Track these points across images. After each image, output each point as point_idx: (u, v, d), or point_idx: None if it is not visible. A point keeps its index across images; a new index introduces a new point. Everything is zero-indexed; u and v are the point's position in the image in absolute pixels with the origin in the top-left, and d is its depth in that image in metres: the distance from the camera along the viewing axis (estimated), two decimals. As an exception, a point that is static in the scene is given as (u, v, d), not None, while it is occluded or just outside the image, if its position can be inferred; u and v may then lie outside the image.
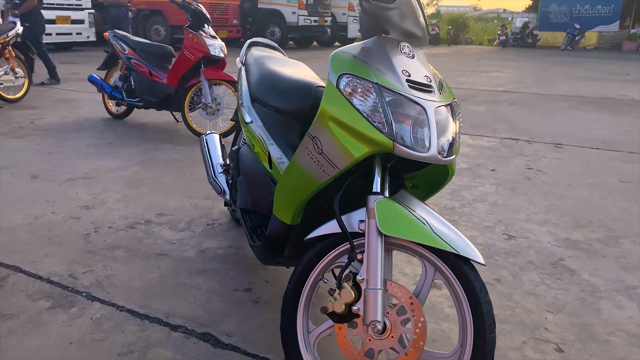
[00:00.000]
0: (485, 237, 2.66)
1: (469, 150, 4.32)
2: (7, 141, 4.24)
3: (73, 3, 11.50)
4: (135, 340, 1.77)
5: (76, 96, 6.35)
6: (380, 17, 1.44)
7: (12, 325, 1.83)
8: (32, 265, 2.25)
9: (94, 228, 2.64)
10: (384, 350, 1.38)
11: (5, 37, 5.42)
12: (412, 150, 1.33)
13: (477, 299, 1.34)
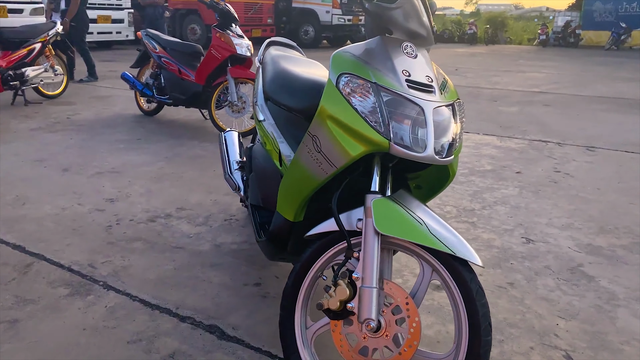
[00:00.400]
0: (502, 240, 2.60)
1: (495, 152, 4.23)
2: (43, 135, 4.44)
3: (114, 3, 11.87)
4: (145, 329, 1.83)
5: (111, 93, 6.57)
6: (382, 18, 1.44)
7: (31, 309, 1.93)
8: (55, 253, 2.36)
9: (116, 220, 2.74)
10: (378, 348, 1.38)
11: (45, 36, 5.66)
12: (408, 150, 1.33)
13: (473, 301, 1.33)
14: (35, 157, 3.79)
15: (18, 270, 2.21)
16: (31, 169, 3.53)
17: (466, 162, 3.93)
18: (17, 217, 2.74)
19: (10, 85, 5.36)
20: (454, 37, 22.31)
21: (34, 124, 4.82)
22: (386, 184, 1.52)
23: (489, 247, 2.52)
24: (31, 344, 1.73)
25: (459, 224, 2.78)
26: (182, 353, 1.70)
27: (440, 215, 2.74)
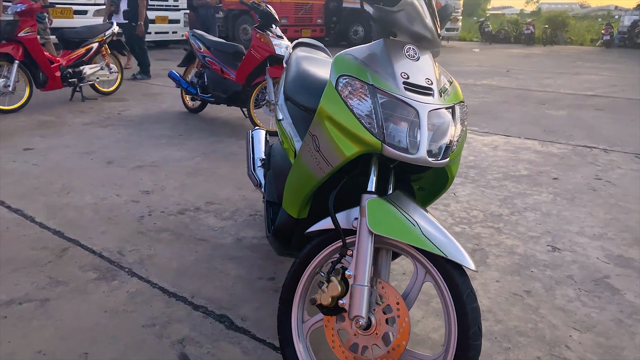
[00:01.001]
0: (526, 247, 2.54)
1: (534, 157, 4.10)
2: (94, 129, 4.71)
3: (171, 4, 12.36)
4: (160, 314, 1.93)
5: (162, 90, 6.87)
6: (385, 20, 1.46)
7: (61, 290, 2.08)
8: (89, 240, 2.52)
9: (148, 212, 2.88)
10: (368, 346, 1.40)
11: (102, 36, 6.00)
12: (400, 152, 1.34)
13: (463, 304, 1.32)
14: (85, 150, 4.04)
15: (55, 254, 2.38)
16: (79, 161, 3.77)
17: (501, 166, 3.83)
18: (61, 205, 2.95)
19: (69, 82, 5.72)
20: (510, 38, 21.57)
21: (88, 119, 5.13)
22: (388, 185, 1.55)
23: (511, 253, 2.47)
24: (57, 322, 1.88)
25: (483, 229, 2.73)
26: (191, 339, 1.79)
27: (465, 220, 2.74)
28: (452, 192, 3.26)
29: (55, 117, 5.18)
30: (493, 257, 2.43)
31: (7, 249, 2.41)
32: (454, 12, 16.78)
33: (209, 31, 9.18)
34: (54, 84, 5.58)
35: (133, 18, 7.44)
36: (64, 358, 1.69)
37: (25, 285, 2.11)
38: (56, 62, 5.58)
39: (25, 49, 5.23)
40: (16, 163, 3.68)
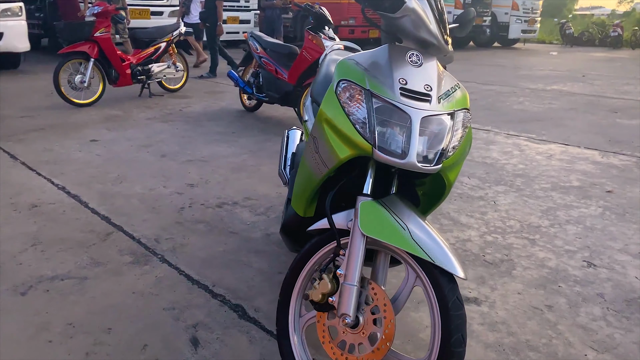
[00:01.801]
0: (559, 261, 2.43)
1: (590, 168, 3.87)
2: (156, 124, 5.03)
3: (242, 5, 12.82)
4: (180, 299, 2.06)
5: (224, 89, 7.16)
6: (389, 26, 1.48)
7: (99, 271, 2.27)
8: (131, 227, 2.72)
9: (189, 203, 3.06)
10: (354, 344, 1.43)
11: (170, 36, 6.37)
12: (389, 156, 1.36)
13: (448, 311, 1.32)
14: (143, 143, 4.33)
15: (100, 237, 2.60)
16: (136, 153, 4.05)
17: (552, 176, 3.66)
18: (113, 193, 3.20)
19: (138, 79, 6.13)
20: (594, 40, 20.25)
21: (151, 114, 5.47)
22: (391, 188, 1.56)
23: (541, 266, 2.37)
24: (90, 298, 2.06)
25: (517, 239, 2.64)
26: (204, 325, 1.90)
27: (500, 229, 2.67)
28: (492, 200, 3.17)
29: (123, 111, 5.57)
30: (520, 268, 2.35)
31: (61, 230, 2.66)
32: (532, 13, 16.03)
33: (274, 32, 9.46)
34: (124, 80, 6.00)
35: (208, 19, 7.87)
36: (90, 331, 1.85)
37: (69, 264, 2.32)
38: (127, 60, 6.00)
39: (100, 48, 5.67)
40: (81, 153, 4.01)
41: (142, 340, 1.80)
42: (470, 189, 3.35)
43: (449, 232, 2.71)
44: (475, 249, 2.53)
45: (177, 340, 1.81)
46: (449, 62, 1.76)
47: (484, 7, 14.40)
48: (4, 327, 1.87)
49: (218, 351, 1.76)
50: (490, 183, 3.48)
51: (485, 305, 2.05)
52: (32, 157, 3.85)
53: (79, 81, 5.61)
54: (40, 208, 2.93)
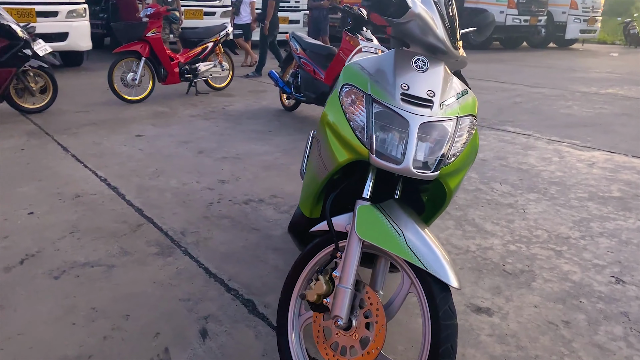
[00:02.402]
0: (584, 275, 2.34)
1: (635, 178, 3.67)
2: (198, 122, 5.21)
3: (292, 5, 12.97)
4: (196, 291, 2.15)
5: (267, 88, 7.30)
6: (397, 31, 1.49)
7: (126, 260, 2.40)
8: (161, 219, 2.85)
9: (218, 199, 3.16)
10: (346, 346, 1.46)
11: (217, 36, 6.56)
12: (385, 161, 1.37)
13: (438, 320, 1.32)
14: (184, 139, 4.51)
15: (131, 228, 2.74)
16: (176, 149, 4.22)
17: (591, 185, 3.50)
18: (149, 186, 3.35)
19: (185, 78, 6.36)
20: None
21: (195, 112, 5.67)
22: (395, 193, 1.57)
23: (563, 279, 2.29)
24: (114, 285, 2.19)
25: (542, 250, 2.56)
26: (214, 317, 1.98)
27: (525, 239, 2.60)
28: (521, 208, 3.09)
29: (169, 108, 5.81)
30: (541, 280, 2.28)
31: (97, 219, 2.83)
32: (592, 12, 15.25)
33: (320, 32, 9.55)
34: (173, 79, 6.25)
35: (263, 19, 8.15)
36: (110, 316, 1.97)
37: (101, 252, 2.47)
38: (176, 59, 6.24)
39: (151, 47, 5.92)
40: (126, 147, 4.23)
41: (155, 329, 1.90)
42: (500, 196, 3.27)
43: (471, 239, 2.67)
44: (495, 258, 2.47)
45: (187, 331, 1.90)
46: (461, 67, 1.74)
47: (540, 6, 13.85)
48: (36, 307, 2.02)
49: (224, 344, 1.83)
50: (522, 190, 3.38)
51: (497, 317, 2.01)
52: (81, 150, 4.09)
53: (131, 79, 5.89)
54: (82, 198, 3.13)
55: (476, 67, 10.22)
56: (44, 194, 3.16)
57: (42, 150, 4.08)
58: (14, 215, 2.85)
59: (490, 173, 3.71)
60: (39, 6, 7.80)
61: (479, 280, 2.27)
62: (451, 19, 1.53)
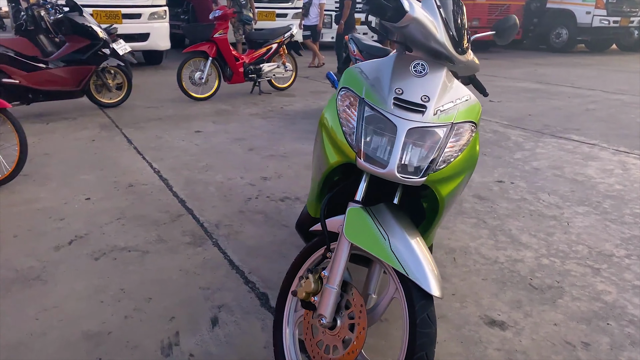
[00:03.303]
0: (619, 296, 2.18)
1: None
2: (255, 120, 5.39)
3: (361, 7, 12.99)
4: (216, 281, 2.26)
5: (328, 89, 7.38)
6: (399, 35, 1.49)
7: (160, 247, 2.57)
8: (201, 212, 3.01)
9: (256, 195, 3.28)
10: (330, 345, 1.48)
11: (282, 37, 6.74)
12: (371, 165, 1.38)
13: (415, 327, 1.32)
14: (238, 136, 4.69)
15: (171, 218, 2.92)
16: (229, 145, 4.41)
17: (653, 201, 3.23)
18: (196, 179, 3.55)
19: (249, 77, 6.60)
20: None
21: (255, 110, 5.87)
22: (394, 197, 1.57)
23: (594, 299, 2.15)
24: (145, 270, 2.35)
25: (578, 267, 2.41)
26: (228, 307, 2.07)
27: (561, 253, 2.48)
28: (566, 221, 2.91)
29: (231, 106, 6.06)
30: (568, 298, 2.16)
31: (143, 208, 3.04)
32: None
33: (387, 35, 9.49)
34: (237, 78, 6.51)
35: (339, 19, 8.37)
36: (135, 298, 2.13)
37: (139, 238, 2.66)
38: (241, 60, 6.50)
39: (218, 48, 6.21)
40: (184, 142, 4.48)
41: (172, 313, 2.03)
42: (546, 207, 3.10)
43: (502, 250, 2.57)
44: (524, 271, 2.37)
45: (200, 318, 2.01)
46: (472, 72, 1.70)
47: (633, 6, 12.78)
48: (73, 284, 2.22)
49: (231, 333, 1.92)
50: (571, 202, 3.18)
51: (510, 331, 1.94)
52: (143, 143, 4.40)
53: (198, 77, 6.22)
54: (134, 187, 3.37)
55: (553, 71, 9.67)
56: (102, 182, 3.44)
57: (110, 142, 4.43)
58: (73, 200, 3.14)
59: (540, 183, 3.53)
60: (124, 9, 8.44)
61: (500, 293, 2.19)
62: (458, 24, 1.51)
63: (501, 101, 6.55)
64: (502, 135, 4.84)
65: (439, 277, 1.36)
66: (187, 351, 1.82)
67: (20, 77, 4.92)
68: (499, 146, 4.45)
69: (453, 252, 2.54)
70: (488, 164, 3.93)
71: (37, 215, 2.92)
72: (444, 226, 2.82)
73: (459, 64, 1.54)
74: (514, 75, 9.07)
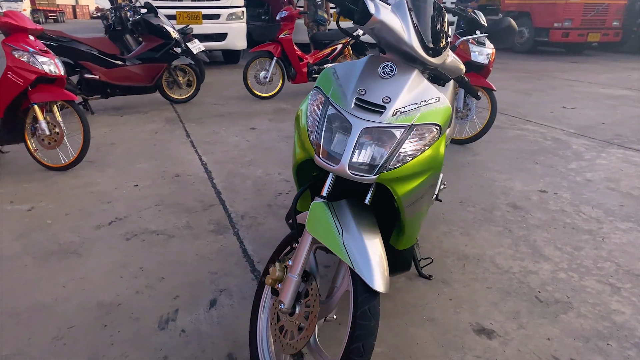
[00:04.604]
0: (633, 317, 2.02)
1: None
2: (310, 119, 5.53)
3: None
4: (226, 267, 2.41)
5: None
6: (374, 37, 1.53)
7: (185, 233, 2.78)
8: (232, 203, 3.19)
9: (287, 191, 3.40)
10: (288, 330, 1.56)
11: (347, 38, 6.83)
12: (324, 162, 1.43)
13: (355, 318, 1.35)
14: (289, 135, 4.86)
15: (204, 207, 3.13)
16: (277, 143, 4.58)
17: None
18: (237, 173, 3.75)
19: (312, 78, 6.76)
20: None
21: (312, 109, 6.01)
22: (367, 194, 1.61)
23: (602, 318, 2.02)
24: (165, 252, 2.56)
25: (597, 284, 2.26)
26: (228, 292, 2.21)
27: (583, 269, 2.41)
28: (601, 236, 2.72)
29: (291, 105, 6.25)
30: (573, 314, 2.04)
31: (182, 197, 3.29)
32: None
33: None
34: (301, 78, 6.70)
35: None
36: (149, 276, 2.34)
37: (170, 223, 2.89)
38: (305, 60, 6.68)
39: (283, 48, 6.44)
40: (237, 137, 4.73)
41: (177, 292, 2.21)
42: (584, 220, 2.92)
43: (519, 260, 2.47)
44: (534, 283, 2.27)
45: (201, 299, 2.16)
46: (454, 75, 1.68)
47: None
48: (102, 260, 2.48)
49: (224, 315, 2.05)
50: (615, 217, 2.96)
51: (497, 341, 1.88)
52: (199, 137, 4.70)
53: (263, 77, 6.49)
54: (180, 178, 3.64)
55: None
56: (153, 171, 3.75)
57: (170, 135, 4.79)
58: (123, 186, 3.46)
59: (587, 195, 3.31)
60: (205, 10, 8.99)
61: (501, 303, 2.12)
62: (437, 28, 1.51)
63: (575, 108, 6.14)
64: (563, 143, 4.57)
65: (386, 274, 1.38)
66: (180, 327, 1.98)
67: (100, 73, 5.46)
68: (555, 155, 4.21)
69: (465, 259, 2.49)
70: (536, 173, 3.75)
71: (90, 197, 3.26)
72: (464, 232, 2.76)
73: (431, 66, 1.54)
74: (600, 80, 8.44)
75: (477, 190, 3.39)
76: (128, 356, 1.81)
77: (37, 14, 34.52)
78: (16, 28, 3.59)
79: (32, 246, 2.61)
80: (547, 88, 7.56)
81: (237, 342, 1.88)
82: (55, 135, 3.68)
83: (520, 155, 4.18)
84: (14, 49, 3.54)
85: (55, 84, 3.68)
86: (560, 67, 10.14)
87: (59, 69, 3.64)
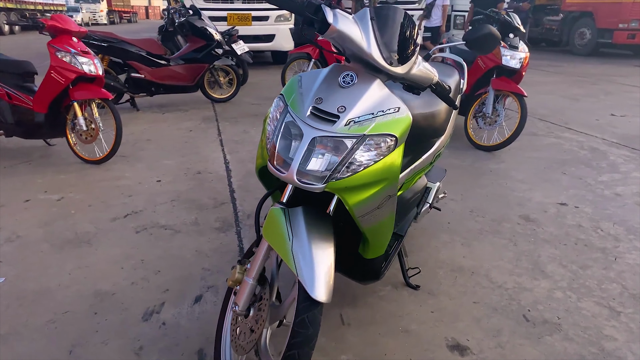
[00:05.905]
0: (624, 344, 1.90)
1: None
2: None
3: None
4: (221, 264, 2.49)
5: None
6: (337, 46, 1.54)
7: (192, 229, 2.89)
8: (242, 202, 3.28)
9: (299, 192, 3.44)
10: (242, 332, 1.60)
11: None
12: (276, 169, 1.46)
13: (294, 326, 1.38)
14: (316, 136, 4.89)
15: (215, 205, 3.24)
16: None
17: None
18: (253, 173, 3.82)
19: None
20: None
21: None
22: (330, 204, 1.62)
23: (591, 343, 1.91)
24: (168, 246, 2.68)
25: (595, 306, 2.14)
26: (215, 289, 2.29)
27: (583, 289, 2.32)
28: (615, 255, 2.56)
29: (326, 106, 6.28)
30: (559, 337, 1.95)
31: (198, 193, 3.41)
32: None
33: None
34: (339, 79, 6.72)
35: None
36: (148, 269, 2.46)
37: (179, 219, 3.02)
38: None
39: (321, 50, 6.49)
40: (265, 137, 4.82)
41: (169, 286, 2.31)
42: (600, 238, 2.75)
43: (515, 276, 2.38)
44: (526, 301, 2.18)
45: (188, 294, 2.25)
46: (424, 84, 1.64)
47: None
48: (109, 250, 2.64)
49: (206, 311, 2.13)
50: (636, 236, 2.77)
51: (469, 358, 1.83)
52: (229, 136, 4.84)
53: (301, 77, 6.57)
54: (201, 175, 3.78)
55: None
56: (177, 168, 3.92)
57: (203, 133, 4.97)
58: (147, 181, 3.64)
59: (611, 210, 3.12)
60: (254, 12, 9.21)
61: (484, 319, 2.06)
62: (405, 36, 1.50)
63: (625, 116, 5.77)
64: (600, 154, 4.31)
65: (330, 284, 1.39)
66: (162, 320, 2.07)
67: (145, 72, 5.74)
68: (587, 166, 3.99)
69: (459, 271, 2.43)
70: (561, 184, 3.57)
71: (115, 190, 3.45)
72: (465, 243, 2.69)
73: (394, 76, 1.53)
74: (664, 86, 7.86)
75: (491, 199, 3.28)
76: (108, 343, 1.92)
77: (112, 14, 36.62)
78: (61, 30, 3.86)
79: (52, 234, 2.81)
80: (600, 93, 7.14)
81: (210, 338, 1.95)
82: (92, 130, 3.93)
83: (548, 165, 3.99)
84: (57, 50, 3.80)
85: (94, 83, 3.93)
86: (622, 71, 9.52)
87: (97, 69, 3.87)
